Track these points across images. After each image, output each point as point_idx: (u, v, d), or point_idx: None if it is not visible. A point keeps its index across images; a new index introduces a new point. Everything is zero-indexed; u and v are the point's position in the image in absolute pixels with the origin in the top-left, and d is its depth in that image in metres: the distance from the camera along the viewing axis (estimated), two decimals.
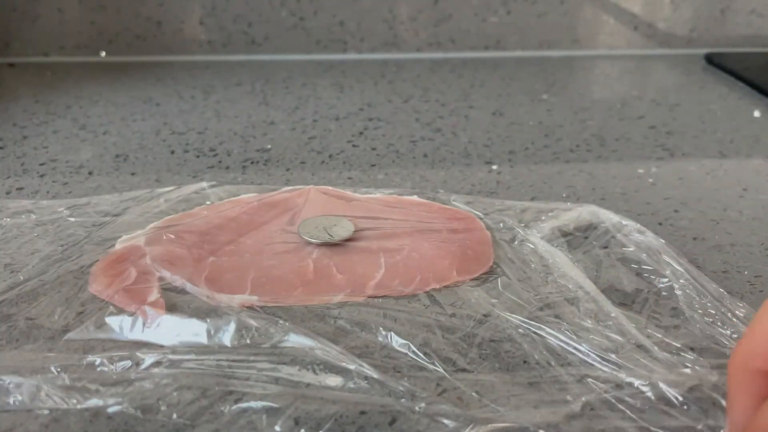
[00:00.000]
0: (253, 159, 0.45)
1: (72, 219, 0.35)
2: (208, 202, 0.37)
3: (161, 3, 0.66)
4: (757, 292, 0.31)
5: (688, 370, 0.25)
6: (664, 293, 0.30)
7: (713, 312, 0.28)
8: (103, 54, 0.68)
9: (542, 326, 0.27)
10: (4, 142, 0.47)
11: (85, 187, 0.40)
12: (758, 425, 0.19)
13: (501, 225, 0.35)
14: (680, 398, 0.24)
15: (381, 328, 0.27)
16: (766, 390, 0.20)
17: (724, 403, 0.23)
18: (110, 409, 0.23)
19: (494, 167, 0.44)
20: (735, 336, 0.27)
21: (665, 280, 0.30)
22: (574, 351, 0.26)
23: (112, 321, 0.27)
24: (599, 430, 0.22)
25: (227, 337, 0.26)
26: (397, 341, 0.26)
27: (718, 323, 0.28)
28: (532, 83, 0.62)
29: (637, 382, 0.24)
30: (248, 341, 0.26)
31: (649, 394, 0.24)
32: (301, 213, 0.36)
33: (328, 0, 0.67)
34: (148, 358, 0.25)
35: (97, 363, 0.25)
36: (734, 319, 0.28)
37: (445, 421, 0.23)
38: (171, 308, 0.28)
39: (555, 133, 0.50)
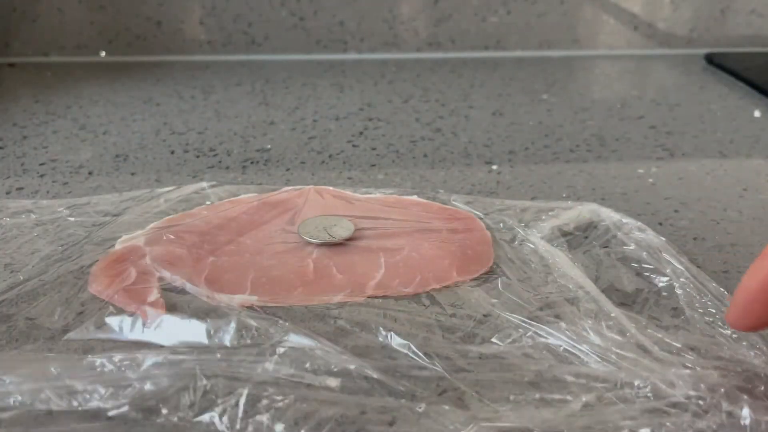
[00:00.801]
0: (253, 159, 0.45)
1: (72, 219, 0.35)
2: (208, 202, 0.37)
3: (161, 3, 0.66)
4: None
5: (688, 371, 0.25)
6: (664, 293, 0.30)
7: (714, 312, 0.28)
8: (103, 54, 0.68)
9: (542, 326, 0.27)
10: (4, 142, 0.47)
11: (85, 187, 0.40)
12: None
13: (501, 225, 0.35)
14: (680, 398, 0.24)
15: (381, 328, 0.27)
16: None
17: (724, 405, 0.23)
18: (110, 411, 0.23)
19: (494, 167, 0.44)
20: (735, 336, 0.27)
21: (666, 279, 0.30)
22: (574, 351, 0.26)
23: (112, 321, 0.27)
24: (599, 430, 0.22)
25: (227, 337, 0.26)
26: (397, 341, 0.26)
27: (719, 323, 0.28)
28: (532, 83, 0.62)
29: (637, 382, 0.24)
30: (248, 341, 0.26)
31: (649, 394, 0.24)
32: (301, 213, 0.36)
33: (328, 0, 0.67)
34: (148, 359, 0.25)
35: (97, 363, 0.25)
36: None
37: (445, 421, 0.23)
38: (171, 308, 0.28)
39: (555, 133, 0.50)
